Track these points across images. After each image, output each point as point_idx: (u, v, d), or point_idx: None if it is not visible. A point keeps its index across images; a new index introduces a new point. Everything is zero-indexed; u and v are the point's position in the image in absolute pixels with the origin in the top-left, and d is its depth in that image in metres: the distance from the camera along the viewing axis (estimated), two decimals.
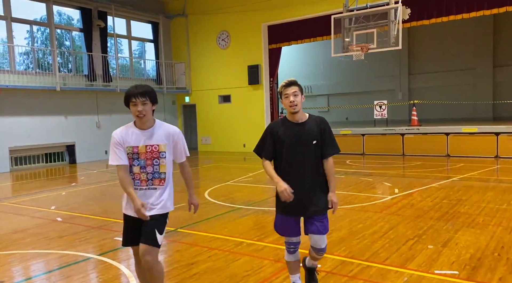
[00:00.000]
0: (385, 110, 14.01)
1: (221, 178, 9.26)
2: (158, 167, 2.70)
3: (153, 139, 2.68)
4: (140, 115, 2.61)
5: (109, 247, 4.50)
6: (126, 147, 2.66)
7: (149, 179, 2.69)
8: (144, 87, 2.65)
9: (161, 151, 2.69)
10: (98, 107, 14.14)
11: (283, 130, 2.83)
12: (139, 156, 2.67)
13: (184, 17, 16.36)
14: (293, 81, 2.84)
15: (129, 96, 2.61)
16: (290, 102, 2.77)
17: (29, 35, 13.16)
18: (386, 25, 10.38)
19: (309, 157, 2.81)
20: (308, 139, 2.80)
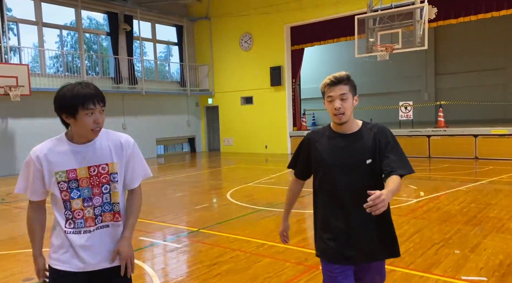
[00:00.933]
0: (410, 111, 13.73)
1: (243, 179, 9.31)
2: (109, 196, 1.88)
3: (98, 156, 1.84)
4: (97, 128, 1.80)
5: (134, 247, 4.54)
6: (55, 172, 1.79)
7: (98, 215, 1.87)
8: (93, 86, 1.81)
9: (112, 173, 1.87)
10: (124, 109, 14.46)
11: (324, 143, 2.07)
12: (80, 184, 1.82)
13: (208, 20, 16.54)
14: (341, 77, 1.99)
15: (84, 100, 1.74)
16: (335, 109, 1.98)
17: (59, 39, 13.60)
18: (411, 24, 10.19)
19: (361, 183, 1.96)
20: (358, 158, 1.99)
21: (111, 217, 1.91)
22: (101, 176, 1.86)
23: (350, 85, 2.02)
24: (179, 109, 16.51)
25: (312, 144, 2.12)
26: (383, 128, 2.06)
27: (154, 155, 15.52)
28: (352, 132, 2.05)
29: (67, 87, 1.78)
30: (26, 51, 12.51)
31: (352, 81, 2.04)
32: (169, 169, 12.34)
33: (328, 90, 2.02)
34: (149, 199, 7.54)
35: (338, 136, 2.06)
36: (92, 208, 1.86)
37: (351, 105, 2.01)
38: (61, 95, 1.76)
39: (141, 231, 5.21)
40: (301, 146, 2.21)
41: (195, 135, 17.25)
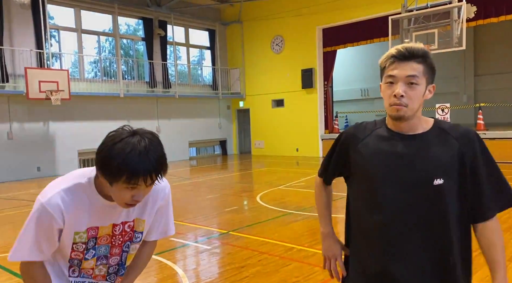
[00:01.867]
0: (447, 114, 13.27)
1: (273, 182, 9.30)
2: (126, 257, 1.54)
3: (127, 211, 1.45)
4: (133, 203, 1.33)
5: (166, 247, 4.69)
6: (76, 233, 1.38)
7: (111, 274, 1.54)
8: (154, 152, 1.27)
9: (137, 231, 1.50)
10: (158, 112, 14.83)
11: (371, 145, 1.41)
12: (98, 242, 1.43)
13: (240, 24, 16.69)
14: (416, 50, 1.32)
15: (132, 175, 1.23)
16: (394, 96, 1.32)
17: (97, 45, 14.14)
18: (448, 24, 9.86)
19: (421, 212, 1.31)
20: (421, 174, 1.31)
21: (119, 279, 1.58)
22: (125, 235, 1.48)
23: (426, 66, 1.32)
24: (211, 112, 16.73)
25: (353, 144, 1.45)
26: (468, 133, 1.34)
27: (187, 157, 15.80)
28: (417, 133, 1.36)
29: (119, 145, 1.23)
30: (66, 57, 13.09)
31: (431, 60, 1.33)
32: (200, 171, 12.53)
33: (390, 67, 1.34)
34: (181, 200, 7.68)
35: (395, 137, 1.37)
36: (105, 267, 1.50)
37: (421, 95, 1.33)
38: (107, 155, 1.24)
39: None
40: (335, 145, 1.54)
41: (226, 137, 17.42)
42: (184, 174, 11.57)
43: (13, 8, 11.54)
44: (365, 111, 18.54)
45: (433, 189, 1.30)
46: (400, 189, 1.33)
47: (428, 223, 1.31)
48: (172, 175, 11.42)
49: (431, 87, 1.37)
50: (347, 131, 1.52)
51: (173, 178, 10.68)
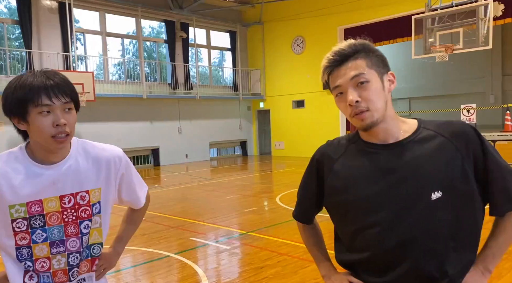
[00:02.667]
0: (473, 115, 12.91)
1: (293, 183, 9.27)
2: (87, 238, 1.32)
3: (75, 180, 1.27)
4: (60, 135, 1.19)
5: (186, 247, 4.75)
6: (10, 206, 1.20)
7: (74, 266, 1.30)
8: (55, 76, 1.20)
9: (94, 203, 1.31)
10: (180, 113, 15.02)
11: (348, 165, 1.22)
12: (47, 222, 1.24)
13: (261, 25, 16.73)
14: (348, 48, 1.19)
15: (33, 92, 1.16)
16: (349, 105, 1.14)
17: (121, 47, 14.45)
18: (474, 23, 9.61)
19: (424, 237, 1.12)
20: (413, 190, 1.11)
21: (89, 266, 1.35)
22: (80, 209, 1.27)
23: (367, 57, 1.15)
24: (232, 113, 16.83)
25: (327, 166, 1.25)
26: (463, 131, 1.13)
27: (207, 158, 15.94)
28: (400, 141, 1.15)
29: (16, 78, 1.20)
30: (91, 59, 13.43)
31: (369, 49, 1.18)
32: (221, 171, 12.62)
33: (331, 78, 1.19)
34: (201, 200, 7.77)
35: (374, 148, 1.17)
36: (65, 256, 1.27)
37: (380, 90, 1.13)
38: (7, 88, 1.19)
39: (192, 231, 5.39)
40: (307, 172, 1.34)
41: (246, 138, 17.48)
42: (204, 175, 11.68)
43: (41, 13, 11.93)
44: None
45: (432, 205, 1.09)
46: (392, 213, 1.11)
47: (434, 247, 1.12)
48: (193, 175, 11.56)
49: (389, 75, 1.17)
50: (319, 151, 1.30)
51: (194, 178, 10.79)
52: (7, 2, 12.16)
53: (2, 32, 11.82)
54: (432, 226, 1.11)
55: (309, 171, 1.32)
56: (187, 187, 9.42)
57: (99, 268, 1.41)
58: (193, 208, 7.08)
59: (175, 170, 12.97)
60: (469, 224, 1.15)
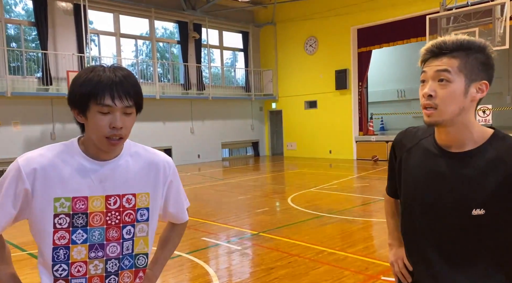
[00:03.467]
0: (489, 116, 12.70)
1: (305, 184, 9.25)
2: (131, 245, 1.25)
3: (123, 181, 1.24)
4: (114, 138, 1.17)
5: (197, 247, 4.77)
6: (55, 199, 1.16)
7: (112, 274, 1.23)
8: (122, 72, 1.17)
9: (139, 208, 1.26)
10: (192, 113, 15.11)
11: (416, 158, 1.29)
12: (89, 221, 1.19)
13: (273, 25, 16.72)
14: (450, 43, 1.15)
15: (97, 89, 1.13)
16: (422, 96, 1.18)
17: (135, 48, 14.60)
18: (490, 23, 9.45)
19: (459, 245, 1.19)
20: (459, 202, 1.17)
21: (132, 277, 1.26)
22: (124, 212, 1.22)
23: (466, 60, 1.12)
24: (244, 113, 16.86)
25: (399, 152, 1.36)
26: None
27: (219, 158, 15.99)
28: (465, 151, 1.17)
29: (85, 69, 1.19)
30: (105, 60, 13.59)
31: (475, 52, 1.13)
32: (233, 172, 12.64)
33: (424, 65, 1.20)
34: (213, 201, 7.79)
35: (439, 153, 1.22)
36: (102, 261, 1.20)
37: (459, 95, 1.12)
38: (73, 82, 1.18)
39: (204, 231, 5.41)
40: (389, 155, 1.45)
41: (258, 139, 17.49)
42: (216, 175, 11.72)
43: (57, 15, 12.12)
44: (402, 113, 18.09)
45: (471, 219, 1.13)
46: (435, 215, 1.20)
47: (463, 255, 1.18)
48: (205, 175, 11.61)
49: (480, 84, 1.14)
50: (395, 138, 1.41)
51: (206, 179, 10.84)
52: (24, 4, 12.39)
53: (19, 33, 12.06)
54: (467, 239, 1.17)
55: (390, 154, 1.44)
56: (199, 187, 9.46)
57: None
58: (205, 208, 7.11)
59: (187, 170, 13.04)
60: (508, 247, 1.17)
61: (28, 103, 11.42)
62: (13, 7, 12.38)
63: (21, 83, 11.45)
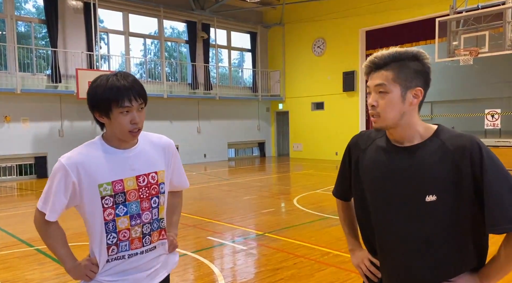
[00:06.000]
0: (498, 120, 12.59)
1: (311, 185, 9.23)
2: (157, 211, 1.59)
3: (146, 162, 1.56)
4: (135, 129, 1.49)
5: (203, 246, 4.79)
6: (99, 185, 1.46)
7: (146, 234, 1.56)
8: (131, 78, 1.49)
9: (160, 182, 1.59)
10: (199, 113, 15.15)
11: (371, 156, 1.39)
12: (127, 198, 1.50)
13: (281, 26, 16.72)
14: (383, 57, 1.27)
15: (117, 95, 1.43)
16: (369, 105, 1.31)
17: (143, 47, 14.67)
18: (501, 26, 9.37)
19: (417, 236, 1.27)
20: (412, 190, 1.26)
21: (158, 236, 1.62)
22: (151, 187, 1.56)
23: (399, 71, 1.24)
24: (250, 114, 16.87)
25: (355, 154, 1.45)
26: (464, 145, 1.21)
27: (226, 158, 16.02)
28: (412, 145, 1.29)
29: (100, 78, 1.48)
30: (114, 58, 13.67)
31: (407, 62, 1.25)
32: (239, 172, 12.65)
33: (368, 78, 1.32)
34: (219, 200, 7.81)
35: (391, 149, 1.33)
36: (140, 226, 1.54)
37: (397, 102, 1.25)
38: (94, 90, 1.48)
39: (209, 231, 5.42)
40: (342, 158, 1.54)
41: (265, 139, 17.49)
42: (222, 175, 11.74)
43: (67, 13, 12.22)
44: None
45: (426, 207, 1.23)
46: (395, 206, 1.29)
47: (420, 240, 1.26)
48: (211, 175, 11.63)
49: (416, 90, 1.26)
50: (351, 141, 1.51)
51: (212, 178, 10.86)
52: (35, 2, 12.51)
53: (29, 31, 12.17)
54: (423, 225, 1.25)
55: (344, 156, 1.54)
56: (205, 187, 9.49)
57: (173, 243, 1.71)
58: (210, 208, 7.12)
59: (194, 169, 13.07)
60: (462, 229, 1.24)
61: (37, 100, 11.52)
62: (24, 4, 12.50)
63: (30, 80, 11.55)
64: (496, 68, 17.11)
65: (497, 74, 17.75)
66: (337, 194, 1.64)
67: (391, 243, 1.32)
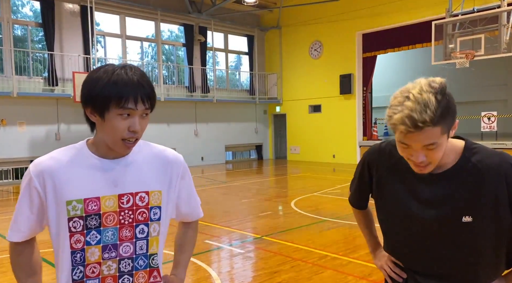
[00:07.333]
0: (494, 122, 12.65)
1: (308, 188, 9.23)
2: (145, 244, 1.23)
3: (135, 178, 1.22)
4: (131, 140, 1.18)
5: (200, 249, 4.77)
6: (67, 202, 1.14)
7: (125, 274, 1.20)
8: (140, 73, 1.17)
9: (153, 207, 1.23)
10: (197, 116, 15.14)
11: (395, 178, 1.34)
12: (102, 222, 1.17)
13: (278, 29, 16.76)
14: (425, 119, 1.07)
15: (121, 92, 1.11)
16: (414, 161, 1.18)
17: (140, 50, 14.67)
18: (496, 29, 9.43)
19: (452, 255, 1.25)
20: (451, 213, 1.22)
21: (146, 278, 1.24)
22: (137, 211, 1.20)
23: (442, 121, 1.09)
24: (248, 117, 16.87)
25: (375, 171, 1.40)
26: (498, 166, 1.19)
27: (223, 161, 16.00)
28: (444, 171, 1.23)
29: (104, 69, 1.15)
30: (111, 62, 13.66)
31: (443, 107, 1.09)
32: (236, 175, 12.64)
33: (400, 135, 1.14)
34: (216, 204, 7.79)
35: (423, 175, 1.24)
36: (116, 261, 1.18)
37: (444, 145, 1.16)
38: (93, 82, 1.14)
39: (207, 234, 5.40)
40: (360, 169, 1.48)
41: (262, 142, 17.49)
42: (220, 178, 11.72)
43: (64, 16, 12.21)
44: None
45: (462, 227, 1.21)
46: (425, 229, 1.27)
47: (459, 265, 1.25)
48: (208, 178, 11.61)
49: (454, 126, 1.17)
50: (370, 156, 1.42)
51: (209, 181, 10.84)
52: (32, 5, 12.49)
53: (26, 34, 12.15)
54: (460, 245, 1.23)
55: (361, 168, 1.46)
56: (202, 190, 9.47)
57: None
58: (207, 211, 7.11)
59: (191, 172, 12.96)
60: (498, 246, 1.24)
61: (33, 103, 11.48)
62: (20, 8, 12.48)
63: (27, 83, 11.52)
64: (492, 70, 17.21)
65: (493, 76, 17.85)
66: (354, 204, 1.61)
67: (422, 258, 1.31)
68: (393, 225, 1.37)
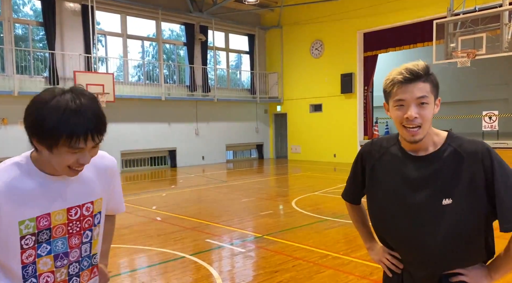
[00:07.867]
0: (495, 122, 12.63)
1: (309, 187, 9.22)
2: (89, 247, 1.31)
3: (81, 191, 1.26)
4: (78, 168, 1.17)
5: (201, 248, 4.77)
6: (20, 222, 1.15)
7: (73, 276, 1.28)
8: (92, 108, 1.12)
9: (96, 213, 1.31)
10: (197, 115, 15.14)
11: (386, 165, 1.43)
12: (52, 234, 1.20)
13: (279, 28, 16.74)
14: (420, 70, 1.29)
15: (72, 134, 1.08)
16: (407, 118, 1.30)
17: (141, 50, 14.66)
18: (498, 28, 9.41)
19: (435, 240, 1.33)
20: (428, 194, 1.32)
21: (89, 275, 1.32)
22: (84, 220, 1.26)
23: (431, 83, 1.31)
24: (249, 116, 16.87)
25: (369, 163, 1.48)
26: (476, 151, 1.30)
27: (224, 160, 16.00)
28: (428, 154, 1.35)
29: (52, 101, 1.08)
30: (112, 61, 13.66)
31: (434, 75, 1.33)
32: (237, 174, 12.64)
33: (398, 91, 1.30)
34: (217, 203, 7.79)
35: (407, 158, 1.37)
36: (66, 267, 1.24)
37: (432, 112, 1.32)
38: (41, 115, 1.07)
39: (208, 233, 5.41)
40: (354, 164, 1.57)
41: (263, 141, 17.48)
42: (220, 177, 11.72)
43: (64, 15, 12.21)
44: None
45: (442, 208, 1.31)
46: (409, 212, 1.36)
47: (443, 249, 1.34)
48: (209, 177, 11.61)
49: (438, 101, 1.37)
50: (364, 149, 1.54)
51: (210, 180, 10.84)
52: (33, 5, 12.49)
53: (27, 33, 12.15)
54: (440, 227, 1.32)
55: (356, 162, 1.57)
56: (203, 189, 9.47)
57: (105, 276, 1.46)
58: (208, 210, 7.11)
59: (192, 171, 13.06)
60: (476, 228, 1.32)
61: None
62: (21, 7, 12.48)
63: (28, 82, 11.52)
64: (494, 70, 17.18)
65: (495, 76, 17.82)
66: (347, 199, 1.69)
67: (410, 247, 1.39)
68: (382, 214, 1.44)
